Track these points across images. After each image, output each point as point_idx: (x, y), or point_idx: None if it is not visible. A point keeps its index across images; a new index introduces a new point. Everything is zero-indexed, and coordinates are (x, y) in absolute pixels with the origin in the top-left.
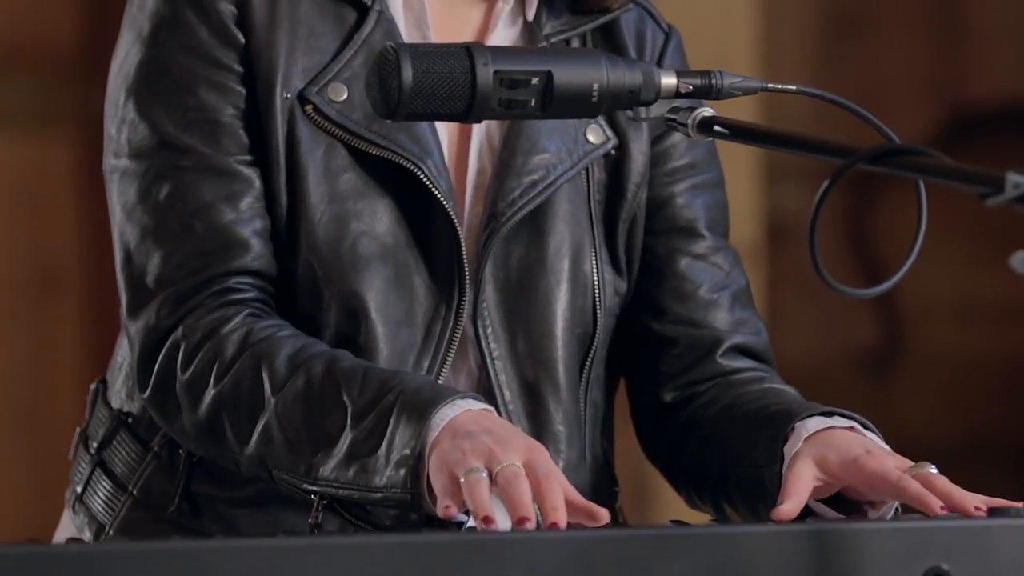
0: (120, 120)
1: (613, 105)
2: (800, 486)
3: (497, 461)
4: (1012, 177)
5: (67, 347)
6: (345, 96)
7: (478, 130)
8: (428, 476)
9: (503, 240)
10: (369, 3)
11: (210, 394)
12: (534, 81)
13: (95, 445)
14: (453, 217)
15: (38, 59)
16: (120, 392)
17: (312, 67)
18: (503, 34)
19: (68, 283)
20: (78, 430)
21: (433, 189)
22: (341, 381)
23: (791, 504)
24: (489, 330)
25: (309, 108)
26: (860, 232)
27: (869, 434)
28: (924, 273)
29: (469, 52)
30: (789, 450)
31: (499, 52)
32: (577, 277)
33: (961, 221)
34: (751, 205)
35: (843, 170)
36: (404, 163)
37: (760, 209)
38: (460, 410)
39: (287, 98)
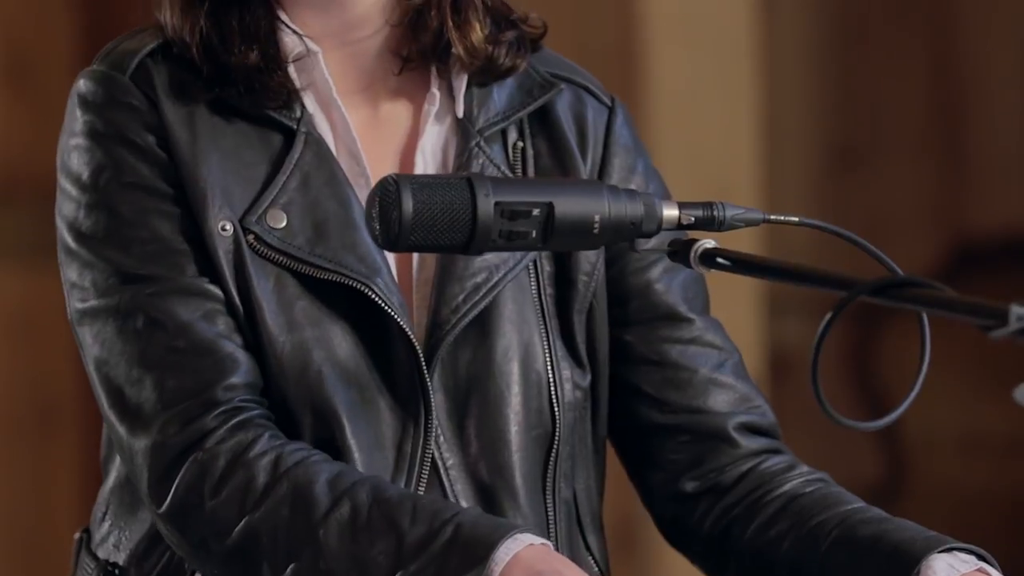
0: (80, 265)
1: (615, 236)
2: None
3: None
4: (1016, 309)
5: (65, 482)
6: (285, 223)
7: None
8: None
9: (450, 347)
10: (294, 127)
11: (243, 522)
12: (535, 212)
13: None
14: (409, 333)
15: (36, 191)
16: (106, 542)
17: (247, 196)
18: (433, 134)
19: (65, 417)
20: None
21: (386, 307)
22: (390, 511)
23: None
24: (441, 439)
25: (251, 238)
26: (863, 364)
27: (993, 572)
28: (927, 406)
29: (470, 183)
30: None
31: (500, 183)
32: (529, 377)
33: (964, 354)
34: (753, 337)
35: (846, 302)
36: (354, 284)
37: (762, 341)
38: (523, 545)
39: (225, 230)
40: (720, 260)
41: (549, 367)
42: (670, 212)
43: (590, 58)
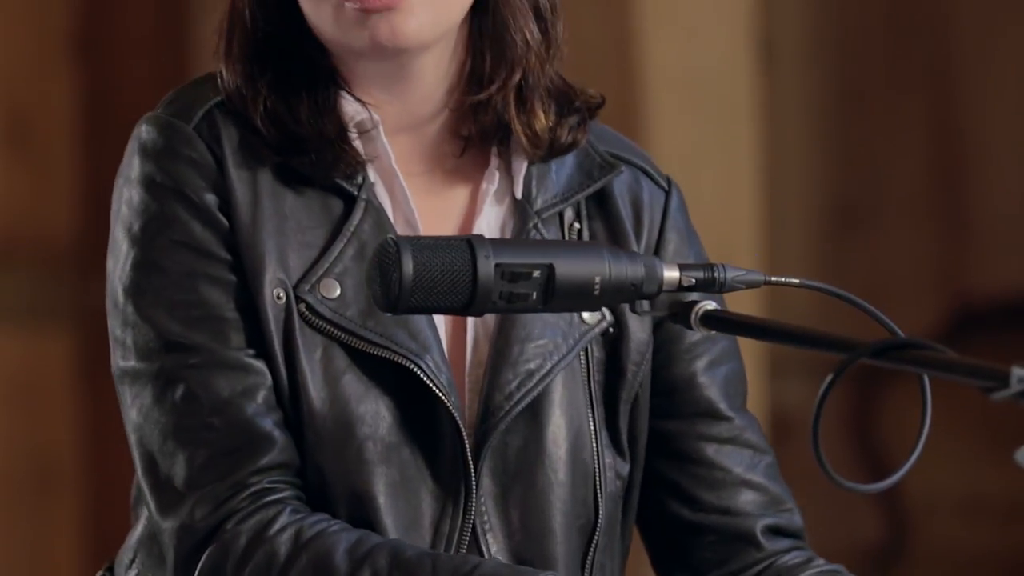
0: (123, 322)
1: (615, 298)
2: None
3: None
4: (1017, 371)
5: (64, 546)
6: (338, 292)
7: (473, 319)
8: None
9: (500, 433)
10: (356, 192)
11: None
12: (535, 274)
13: None
14: (455, 414)
15: (36, 254)
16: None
17: (303, 263)
18: (491, 214)
19: (65, 480)
20: None
21: (433, 387)
22: (411, 570)
23: None
24: (487, 526)
25: (303, 307)
26: (864, 426)
27: None
28: (928, 468)
29: (470, 245)
30: None
31: (500, 244)
32: (576, 465)
33: (966, 416)
34: (754, 399)
35: (846, 364)
36: (403, 361)
37: (763, 403)
38: None
39: (280, 298)
40: (721, 322)
41: (596, 455)
42: (671, 274)
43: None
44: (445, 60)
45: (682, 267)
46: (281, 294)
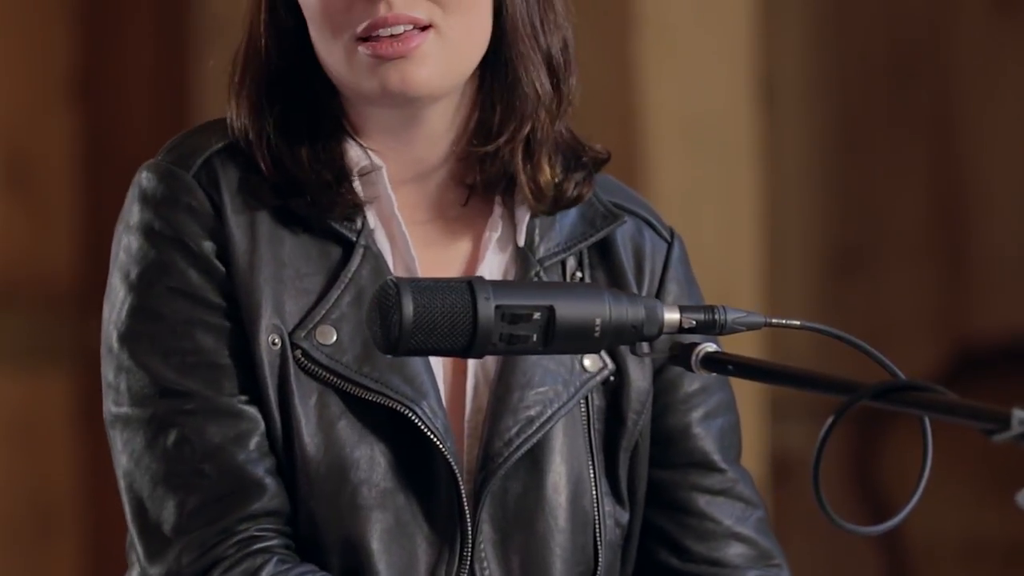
0: (117, 368)
1: (616, 340)
2: None
3: None
4: (1018, 413)
5: None
6: (334, 339)
7: (473, 365)
8: None
9: (500, 479)
10: (354, 239)
11: None
12: (536, 316)
13: None
14: (451, 461)
15: (35, 295)
16: None
17: (299, 309)
18: (494, 261)
19: (64, 521)
20: None
21: (429, 434)
22: None
23: None
24: (487, 572)
25: (299, 353)
26: (865, 469)
27: None
28: (929, 510)
29: (470, 286)
30: None
31: (500, 286)
32: (577, 513)
33: (966, 458)
34: (755, 442)
35: (847, 406)
36: (398, 407)
37: (764, 446)
38: None
39: (275, 344)
40: (721, 364)
41: (595, 504)
42: (671, 316)
43: None
44: (453, 110)
45: (683, 309)
46: (276, 340)
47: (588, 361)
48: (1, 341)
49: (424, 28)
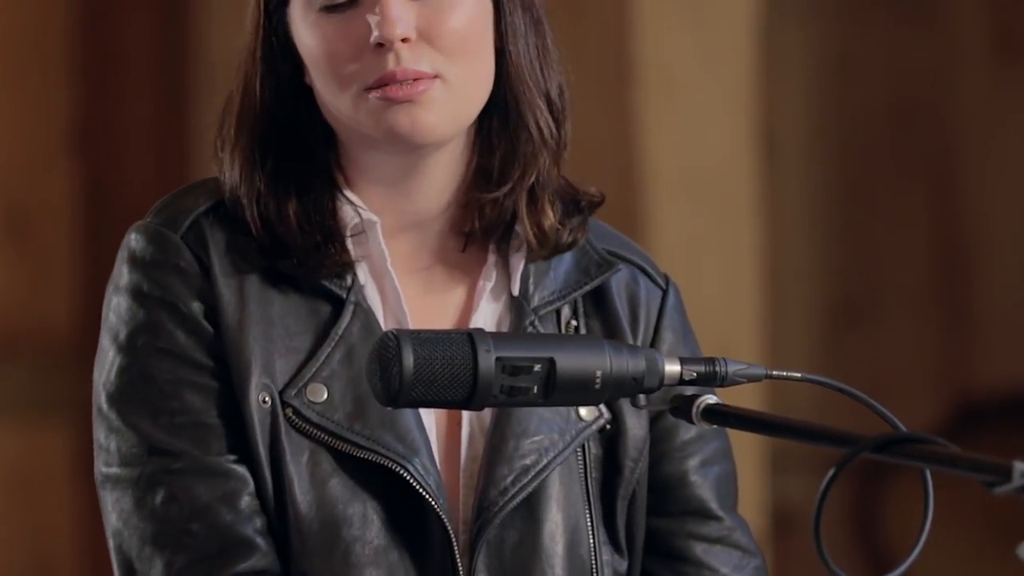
0: (107, 429)
1: (616, 392)
2: None
3: None
4: (1019, 466)
5: None
6: (325, 396)
7: (468, 414)
8: None
9: (496, 528)
10: (344, 296)
11: None
12: (536, 368)
13: None
14: (444, 518)
15: (35, 347)
16: None
17: (289, 368)
18: (488, 311)
19: (63, 574)
20: None
21: (421, 491)
22: None
23: None
24: None
25: (289, 411)
26: (866, 521)
27: None
28: (931, 563)
29: (471, 338)
30: None
31: (501, 338)
32: (574, 562)
33: (968, 510)
34: (756, 494)
35: (848, 459)
36: (390, 464)
37: (765, 498)
38: None
39: (265, 403)
40: (722, 416)
41: (593, 552)
42: (672, 368)
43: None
44: (456, 158)
45: (683, 361)
46: (267, 398)
47: (584, 410)
48: (1, 393)
49: (432, 77)
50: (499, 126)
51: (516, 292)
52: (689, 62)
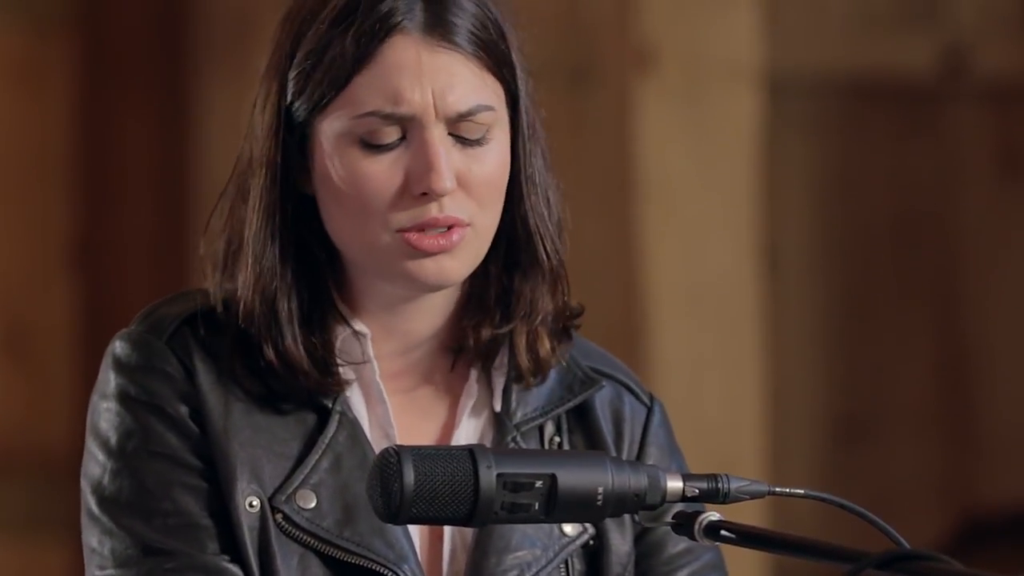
0: (100, 532)
1: (618, 509)
2: None
3: None
4: None
5: None
6: (314, 503)
7: (450, 530)
8: None
9: None
10: (330, 406)
11: None
12: (538, 484)
13: None
14: None
15: (33, 464)
16: None
17: (278, 474)
18: (470, 427)
19: None
20: None
21: None
22: None
23: None
24: None
25: (279, 517)
26: None
27: None
28: None
29: (472, 455)
30: None
31: (502, 455)
32: None
33: None
34: None
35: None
36: (380, 569)
37: None
38: None
39: (253, 507)
40: (725, 533)
41: None
42: (674, 484)
43: (594, 330)
44: (454, 286)
45: (686, 477)
46: (255, 502)
47: (568, 527)
48: None
49: (466, 225)
50: (506, 256)
51: (498, 408)
52: (691, 178)
